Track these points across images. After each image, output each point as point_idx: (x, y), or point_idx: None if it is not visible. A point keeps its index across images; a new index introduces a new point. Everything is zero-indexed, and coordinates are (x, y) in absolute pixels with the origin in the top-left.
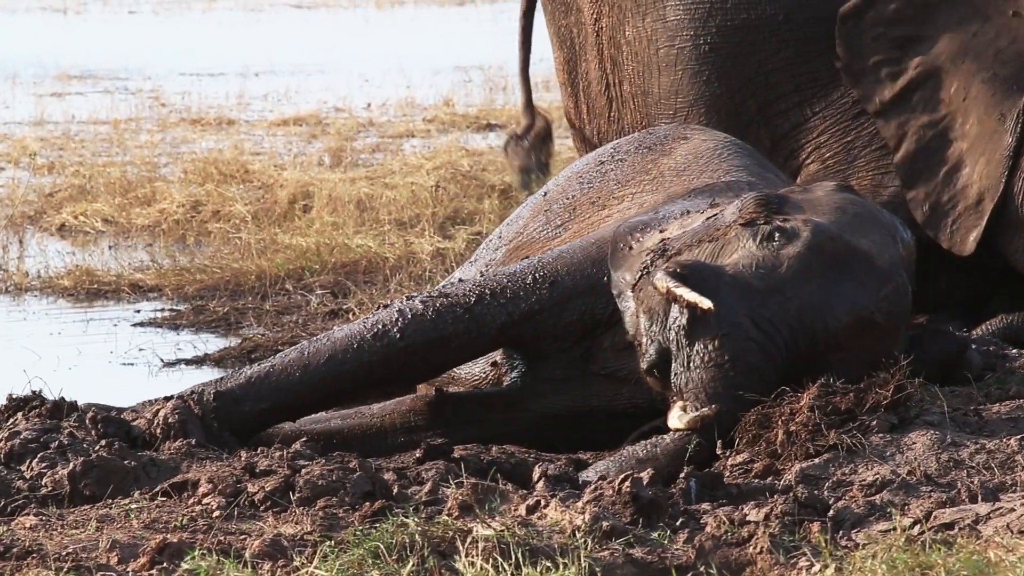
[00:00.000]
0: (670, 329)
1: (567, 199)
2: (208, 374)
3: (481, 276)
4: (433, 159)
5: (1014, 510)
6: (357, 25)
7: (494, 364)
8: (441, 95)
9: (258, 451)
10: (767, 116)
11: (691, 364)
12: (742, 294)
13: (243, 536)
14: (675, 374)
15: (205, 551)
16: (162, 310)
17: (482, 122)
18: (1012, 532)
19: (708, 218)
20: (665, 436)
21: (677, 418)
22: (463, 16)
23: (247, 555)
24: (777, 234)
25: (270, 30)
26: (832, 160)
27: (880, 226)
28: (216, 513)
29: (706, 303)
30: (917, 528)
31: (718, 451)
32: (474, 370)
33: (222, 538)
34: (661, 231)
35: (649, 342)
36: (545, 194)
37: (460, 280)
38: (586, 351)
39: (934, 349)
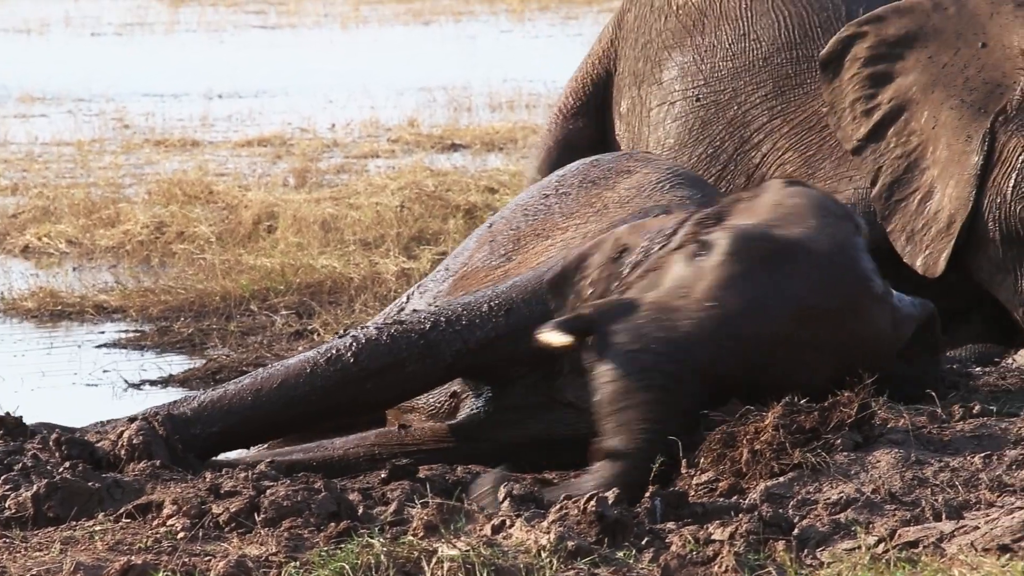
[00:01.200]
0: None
1: (512, 230)
2: (173, 395)
3: (434, 305)
4: (398, 179)
5: (978, 528)
6: (321, 46)
7: (453, 395)
8: (405, 115)
9: (223, 472)
10: (743, 151)
11: (598, 398)
12: (654, 319)
13: (208, 557)
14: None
15: (170, 573)
16: (126, 331)
17: (446, 142)
18: (976, 550)
19: (661, 234)
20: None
21: (545, 330)
22: (427, 36)
23: None
24: (699, 249)
25: (234, 51)
26: (793, 172)
27: (821, 212)
28: (181, 534)
29: (558, 339)
30: (881, 546)
31: (683, 470)
32: (431, 400)
33: (187, 559)
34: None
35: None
36: (490, 226)
37: (414, 311)
38: (546, 378)
39: (909, 324)
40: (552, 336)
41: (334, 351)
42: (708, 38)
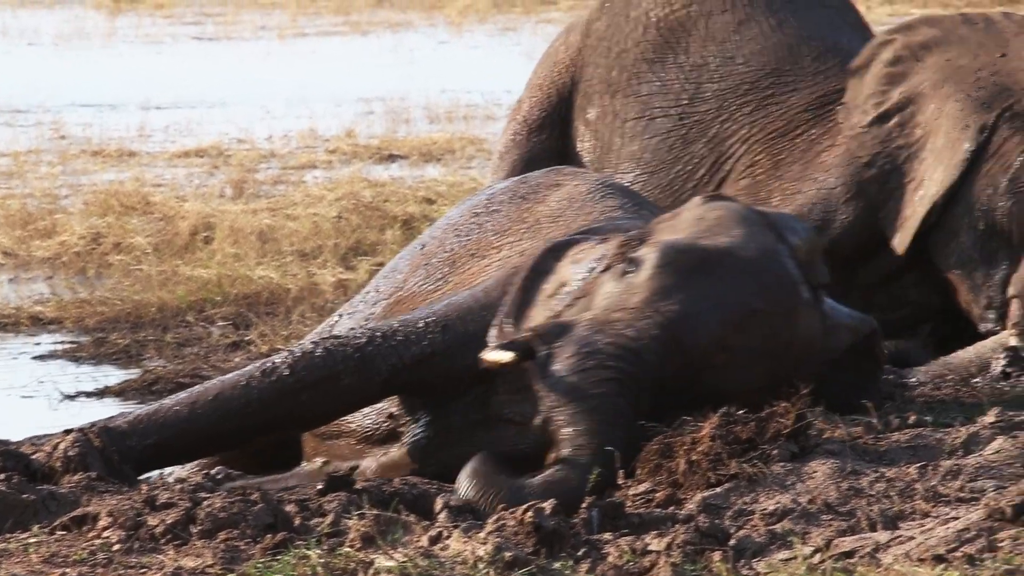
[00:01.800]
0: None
1: (445, 252)
2: (109, 406)
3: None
4: (335, 190)
5: (913, 538)
6: (259, 57)
7: (390, 416)
8: (343, 126)
9: (159, 484)
10: (718, 164)
11: (547, 413)
12: (590, 336)
13: (143, 570)
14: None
15: None
16: (62, 342)
17: (384, 153)
18: (911, 560)
19: (593, 260)
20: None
21: (487, 352)
22: (365, 47)
23: None
24: (628, 266)
25: (171, 62)
26: (762, 174)
27: (744, 222)
28: (116, 546)
29: (505, 357)
30: (818, 556)
31: (619, 480)
32: (365, 422)
33: (122, 572)
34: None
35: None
36: (423, 247)
37: (351, 329)
38: (482, 397)
39: (843, 335)
40: (497, 355)
41: (270, 364)
42: (693, 57)
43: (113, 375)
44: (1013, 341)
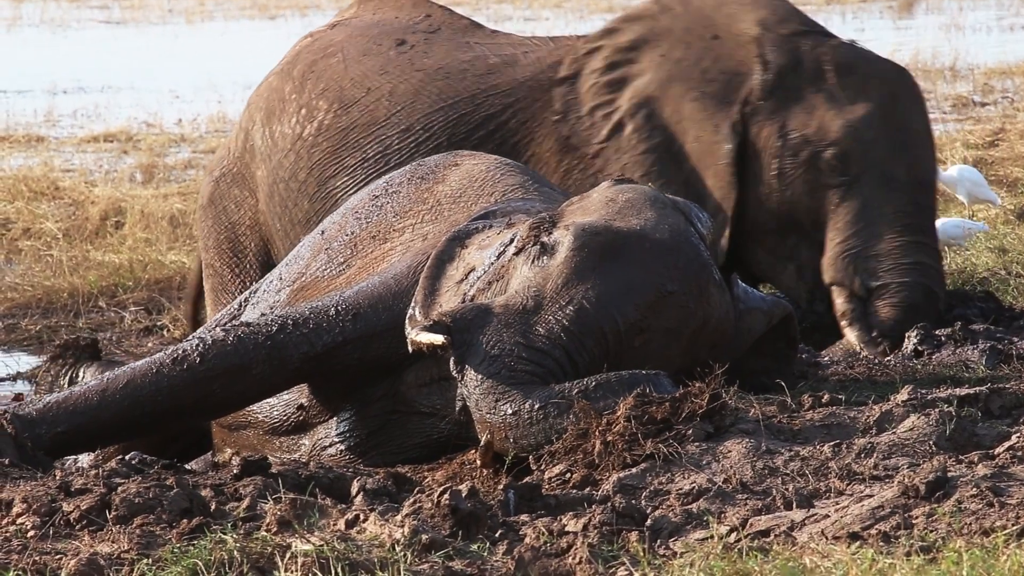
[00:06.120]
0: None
1: (346, 236)
2: (21, 392)
3: (275, 311)
4: None
5: (828, 516)
6: (167, 40)
7: (300, 407)
8: None
9: (73, 470)
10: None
11: (470, 399)
12: (510, 322)
13: (59, 556)
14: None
15: (20, 571)
16: None
17: None
18: (827, 538)
19: (502, 244)
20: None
21: (414, 333)
22: (274, 29)
23: (63, 574)
24: (542, 251)
25: (78, 46)
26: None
27: (654, 205)
28: (31, 533)
29: (438, 339)
30: (734, 536)
31: (532, 465)
32: (274, 413)
33: (37, 558)
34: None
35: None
36: (323, 232)
37: (262, 314)
38: (391, 391)
39: (758, 318)
40: (429, 336)
41: (180, 352)
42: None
43: (25, 361)
44: (852, 338)
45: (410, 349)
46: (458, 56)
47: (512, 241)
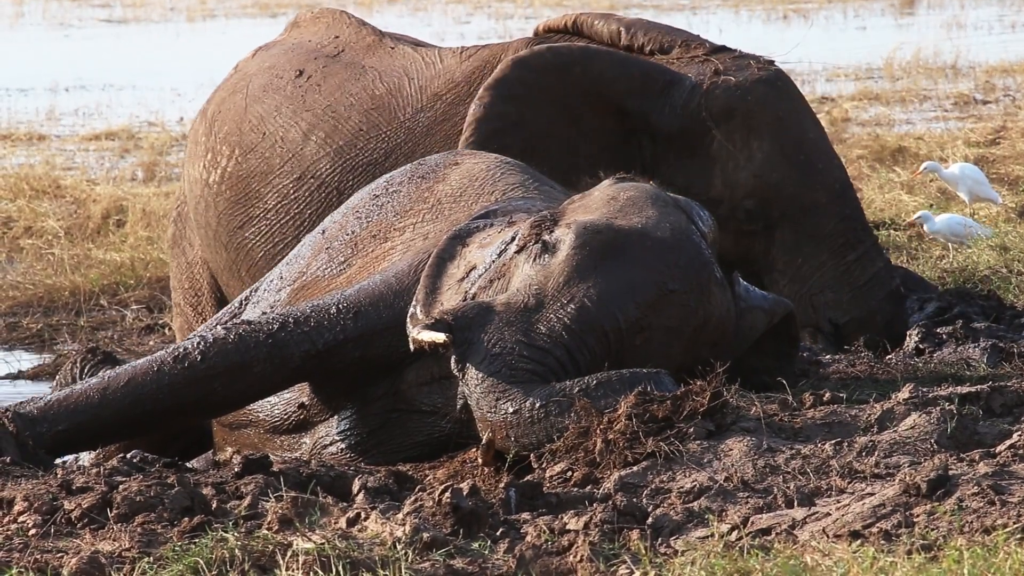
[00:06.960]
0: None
1: (347, 235)
2: (22, 390)
3: (276, 310)
4: None
5: (829, 514)
6: (168, 39)
7: (301, 406)
8: None
9: (75, 468)
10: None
11: (471, 398)
12: (512, 321)
13: (60, 554)
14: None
15: (21, 570)
16: None
17: None
18: (828, 536)
19: (503, 243)
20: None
21: (415, 331)
22: (274, 28)
23: (64, 573)
24: (544, 249)
25: (80, 45)
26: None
27: (655, 203)
28: (32, 531)
29: (440, 337)
30: (735, 534)
31: (533, 463)
32: (275, 412)
33: (39, 556)
34: (467, 265)
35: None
36: (324, 232)
37: (263, 313)
38: (392, 389)
39: (759, 316)
40: (431, 335)
41: (181, 350)
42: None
43: (26, 359)
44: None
45: (411, 347)
46: (348, 89)
47: (513, 239)
